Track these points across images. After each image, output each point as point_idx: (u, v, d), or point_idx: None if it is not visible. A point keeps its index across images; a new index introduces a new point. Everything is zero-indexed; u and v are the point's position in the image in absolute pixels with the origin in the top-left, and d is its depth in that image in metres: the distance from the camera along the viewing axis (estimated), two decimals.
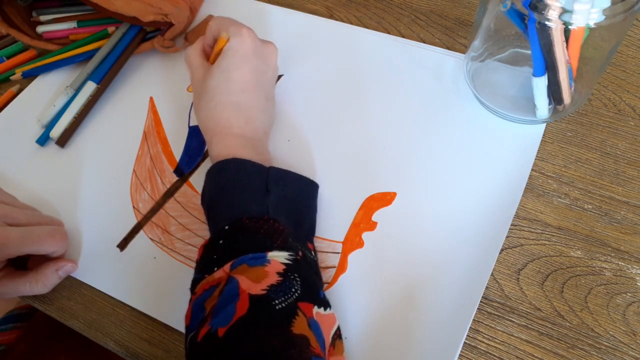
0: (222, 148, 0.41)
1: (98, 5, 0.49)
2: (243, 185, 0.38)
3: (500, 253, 0.40)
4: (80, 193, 0.47)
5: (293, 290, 0.33)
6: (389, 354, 0.37)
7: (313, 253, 0.39)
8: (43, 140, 0.50)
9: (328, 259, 0.41)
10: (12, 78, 0.54)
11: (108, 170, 0.48)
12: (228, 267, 0.34)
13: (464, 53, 0.49)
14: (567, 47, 0.38)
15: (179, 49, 0.54)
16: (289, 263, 0.34)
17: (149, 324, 0.40)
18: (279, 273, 0.33)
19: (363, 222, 0.42)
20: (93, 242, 0.44)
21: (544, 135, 0.45)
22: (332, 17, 0.56)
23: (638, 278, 0.38)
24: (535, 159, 0.44)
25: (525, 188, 0.42)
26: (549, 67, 0.39)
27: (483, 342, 0.37)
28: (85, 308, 0.41)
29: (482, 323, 0.38)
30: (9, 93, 0.55)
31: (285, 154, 0.46)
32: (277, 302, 0.32)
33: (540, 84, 0.41)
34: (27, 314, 0.58)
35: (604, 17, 0.34)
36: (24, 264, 0.42)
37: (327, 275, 0.40)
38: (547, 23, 0.36)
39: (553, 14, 0.35)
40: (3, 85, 0.56)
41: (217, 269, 0.34)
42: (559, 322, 0.37)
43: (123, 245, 0.43)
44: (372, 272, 0.40)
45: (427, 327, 0.37)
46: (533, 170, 0.43)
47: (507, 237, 0.40)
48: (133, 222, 0.45)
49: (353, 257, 0.41)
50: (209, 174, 0.40)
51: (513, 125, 0.45)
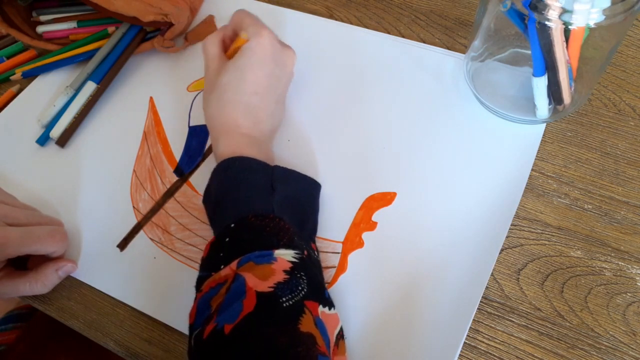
0: (227, 146, 0.41)
1: (98, 5, 0.49)
2: (249, 183, 0.38)
3: (500, 253, 0.40)
4: (80, 193, 0.47)
5: (300, 289, 0.33)
6: (389, 354, 0.37)
7: (316, 253, 0.39)
8: (43, 140, 0.50)
9: (328, 259, 0.41)
10: (12, 78, 0.54)
11: (108, 170, 0.48)
12: (235, 264, 0.34)
13: (464, 53, 0.49)
14: (567, 47, 0.38)
15: (179, 49, 0.54)
16: (296, 261, 0.34)
17: (149, 324, 0.40)
18: (286, 271, 0.33)
19: (363, 222, 0.42)
20: (93, 242, 0.44)
21: (544, 135, 0.45)
22: (332, 17, 0.56)
23: (638, 278, 0.38)
24: (535, 159, 0.44)
25: (525, 188, 0.42)
26: (549, 67, 0.39)
27: (483, 342, 0.37)
28: (85, 308, 0.41)
29: (482, 323, 0.38)
30: (9, 93, 0.55)
31: (285, 154, 0.46)
32: (284, 299, 0.32)
33: (540, 84, 0.41)
34: (27, 314, 0.58)
35: (604, 17, 0.34)
36: (24, 264, 0.42)
37: (327, 275, 0.40)
38: (547, 23, 0.36)
39: (553, 14, 0.35)
40: (3, 85, 0.56)
41: (223, 267, 0.34)
42: (559, 322, 0.37)
43: (123, 245, 0.43)
44: (372, 272, 0.40)
45: (427, 327, 0.37)
46: (533, 170, 0.43)
47: (507, 237, 0.40)
48: (133, 222, 0.45)
49: (353, 257, 0.41)
50: (215, 172, 0.40)
51: (513, 125, 0.46)
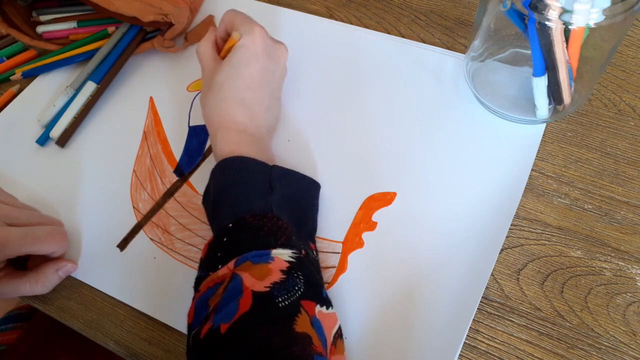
0: (225, 144, 0.41)
1: (98, 5, 0.49)
2: (246, 183, 0.38)
3: (500, 253, 0.40)
4: (80, 193, 0.47)
5: (296, 289, 0.33)
6: (389, 354, 0.37)
7: (315, 252, 0.39)
8: (43, 140, 0.50)
9: (328, 259, 0.41)
10: (12, 78, 0.54)
11: (108, 170, 0.48)
12: (232, 264, 0.34)
13: (464, 53, 0.49)
14: (567, 47, 0.38)
15: (179, 49, 0.54)
16: (293, 261, 0.34)
17: (149, 324, 0.40)
18: (283, 271, 0.33)
19: (363, 222, 0.42)
20: (93, 242, 0.44)
21: (544, 135, 0.45)
22: (332, 17, 0.56)
23: (638, 278, 0.38)
24: (535, 159, 0.44)
25: (525, 188, 0.42)
26: (549, 67, 0.39)
27: (483, 342, 0.37)
28: (85, 308, 0.41)
29: (482, 323, 0.38)
30: (9, 93, 0.55)
31: (286, 154, 0.46)
32: (280, 299, 0.32)
33: (540, 84, 0.41)
34: (27, 314, 0.58)
35: (604, 17, 0.34)
36: (24, 264, 0.42)
37: (327, 275, 0.40)
38: (547, 23, 0.36)
39: (553, 14, 0.35)
40: (3, 85, 0.56)
41: (221, 267, 0.34)
42: (559, 322, 0.37)
43: (123, 245, 0.43)
44: (372, 272, 0.40)
45: (427, 327, 0.37)
46: (533, 170, 0.43)
47: (507, 237, 0.40)
48: (133, 222, 0.45)
49: (353, 257, 0.41)
50: (213, 173, 0.40)
51: (513, 125, 0.45)
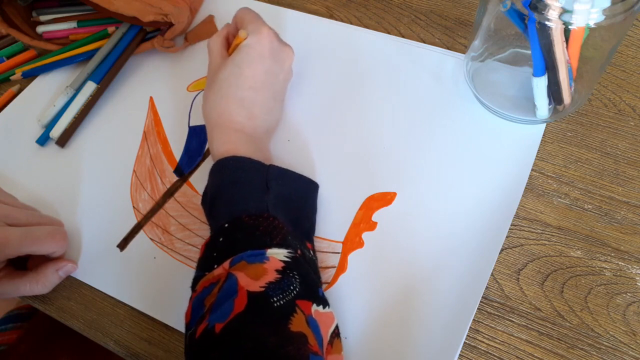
0: (222, 143, 0.41)
1: (98, 5, 0.49)
2: (242, 183, 0.38)
3: (500, 253, 0.40)
4: (80, 193, 0.47)
5: (292, 288, 0.33)
6: (389, 354, 0.37)
7: (312, 252, 0.39)
8: (43, 140, 0.50)
9: (328, 259, 0.41)
10: (12, 78, 0.54)
11: (108, 170, 0.48)
12: (227, 264, 0.34)
13: (464, 53, 0.49)
14: (567, 47, 0.38)
15: (179, 49, 0.54)
16: (288, 260, 0.34)
17: (149, 324, 0.40)
18: (278, 270, 0.33)
19: (363, 222, 0.42)
20: (93, 242, 0.44)
21: (544, 135, 0.45)
22: (332, 17, 0.56)
23: (638, 278, 0.38)
24: (535, 159, 0.44)
25: (525, 188, 0.42)
26: (549, 67, 0.39)
27: (483, 342, 0.37)
28: (85, 308, 0.41)
29: (482, 323, 0.38)
30: (9, 93, 0.55)
31: (285, 154, 0.46)
32: (275, 299, 0.32)
33: (540, 84, 0.41)
34: (27, 314, 0.58)
35: (604, 17, 0.34)
36: (24, 264, 0.42)
37: (327, 275, 0.40)
38: (547, 23, 0.36)
39: (553, 14, 0.35)
40: (3, 85, 0.56)
41: (216, 267, 0.34)
42: (559, 322, 0.37)
43: (123, 245, 0.43)
44: (372, 272, 0.40)
45: (427, 327, 0.37)
46: (533, 170, 0.43)
47: (507, 237, 0.40)
48: (133, 222, 0.45)
49: (353, 257, 0.41)
50: (211, 173, 0.40)
51: (513, 125, 0.45)
